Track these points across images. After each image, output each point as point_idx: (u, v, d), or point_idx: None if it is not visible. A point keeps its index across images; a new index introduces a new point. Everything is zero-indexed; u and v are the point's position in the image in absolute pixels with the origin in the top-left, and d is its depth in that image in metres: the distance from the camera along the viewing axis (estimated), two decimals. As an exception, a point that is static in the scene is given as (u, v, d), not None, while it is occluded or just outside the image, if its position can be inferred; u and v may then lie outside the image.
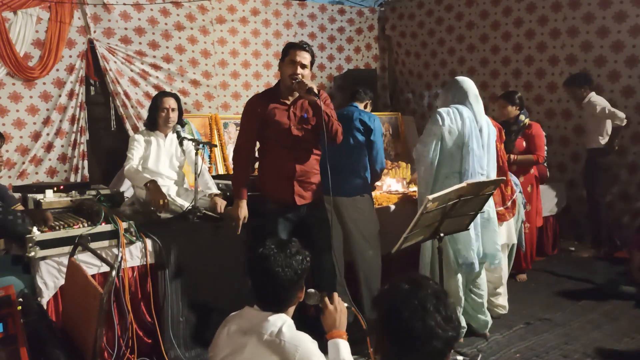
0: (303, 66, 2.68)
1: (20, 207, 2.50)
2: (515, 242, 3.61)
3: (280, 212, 2.79)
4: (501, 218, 3.36)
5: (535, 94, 5.54)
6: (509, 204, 3.44)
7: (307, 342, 1.62)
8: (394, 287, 1.26)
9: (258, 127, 2.77)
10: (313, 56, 2.76)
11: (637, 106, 4.88)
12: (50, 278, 2.49)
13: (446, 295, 1.23)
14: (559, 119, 5.42)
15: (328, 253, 2.85)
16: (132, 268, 2.69)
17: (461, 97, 2.98)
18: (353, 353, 1.78)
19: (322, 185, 2.88)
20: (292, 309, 1.77)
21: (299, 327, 1.71)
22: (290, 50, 2.71)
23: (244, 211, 2.76)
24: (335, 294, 1.87)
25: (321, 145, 2.85)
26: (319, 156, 2.87)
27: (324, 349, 1.71)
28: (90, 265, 2.54)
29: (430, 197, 2.26)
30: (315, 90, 2.60)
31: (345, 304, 1.87)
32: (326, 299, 1.82)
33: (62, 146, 4.81)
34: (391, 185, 4.32)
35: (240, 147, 2.86)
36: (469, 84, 3.02)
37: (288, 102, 2.77)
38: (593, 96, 4.60)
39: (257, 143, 2.90)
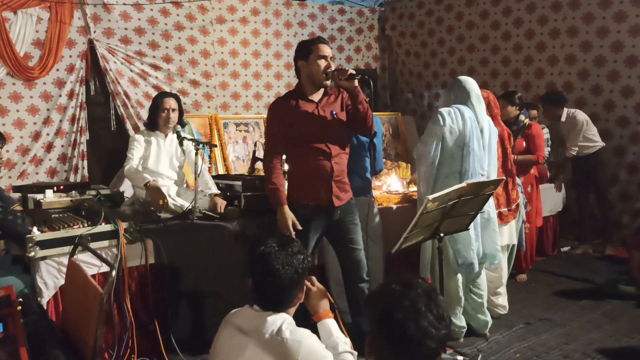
0: (331, 59, 2.63)
1: (18, 208, 2.49)
2: (516, 242, 3.61)
3: (312, 217, 2.67)
4: (504, 219, 3.36)
5: (535, 93, 5.54)
6: (513, 207, 3.44)
7: (309, 337, 1.62)
8: (385, 289, 1.26)
9: (285, 130, 2.66)
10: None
11: (636, 106, 4.89)
12: (50, 278, 2.49)
13: (437, 294, 1.23)
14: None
15: (361, 253, 2.77)
16: (132, 268, 2.70)
17: (463, 97, 2.98)
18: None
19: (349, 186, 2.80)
20: (292, 310, 1.77)
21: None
22: (312, 46, 2.62)
23: (291, 216, 2.61)
24: (314, 277, 1.90)
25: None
26: (347, 154, 2.77)
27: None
28: (90, 265, 2.54)
29: (430, 197, 2.26)
30: (357, 74, 2.53)
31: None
32: (307, 282, 1.83)
33: (62, 146, 4.81)
34: (391, 185, 4.32)
35: (271, 153, 2.70)
36: (471, 84, 3.02)
37: (315, 100, 2.69)
38: (577, 112, 4.76)
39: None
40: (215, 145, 3.69)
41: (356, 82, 2.56)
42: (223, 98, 5.76)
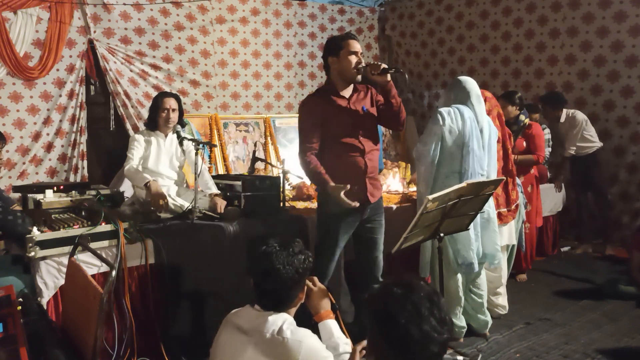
0: (361, 55, 2.62)
1: (18, 208, 2.49)
2: (516, 242, 3.61)
3: (346, 215, 2.64)
4: (504, 220, 3.36)
5: (534, 93, 5.54)
6: (513, 207, 3.44)
7: (310, 337, 1.62)
8: (387, 291, 1.24)
9: (321, 126, 2.64)
10: None
11: (636, 106, 4.89)
12: (50, 278, 2.49)
13: (439, 297, 1.23)
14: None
15: (381, 254, 2.78)
16: (132, 268, 2.70)
17: (463, 97, 2.98)
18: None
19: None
20: (293, 310, 1.77)
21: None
22: (343, 42, 2.60)
23: (342, 188, 2.47)
24: (315, 278, 1.91)
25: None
26: (379, 150, 2.77)
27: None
28: (90, 265, 2.54)
29: (430, 197, 2.26)
30: (391, 67, 2.53)
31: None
32: (308, 282, 1.83)
33: (62, 146, 4.81)
34: (391, 185, 4.32)
35: (305, 150, 2.64)
36: (471, 84, 3.02)
37: (346, 96, 2.68)
38: (577, 112, 4.76)
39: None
40: (215, 145, 3.69)
41: (389, 77, 2.54)
42: (223, 98, 5.76)
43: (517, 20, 5.64)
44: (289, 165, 3.59)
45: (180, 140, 3.14)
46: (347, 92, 2.70)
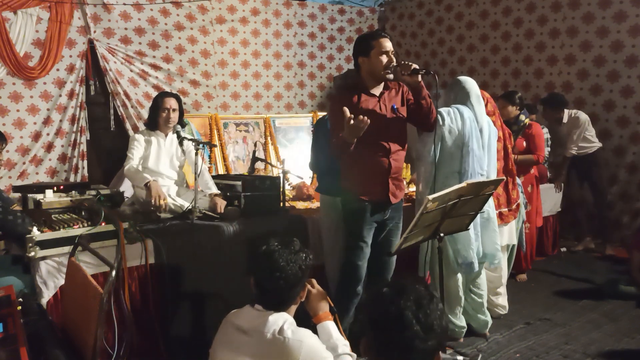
0: (393, 54, 2.56)
1: (17, 208, 2.49)
2: (516, 242, 3.61)
3: (367, 212, 2.64)
4: (504, 219, 3.36)
5: (534, 93, 5.54)
6: (514, 206, 3.44)
7: (310, 337, 1.63)
8: (377, 294, 1.20)
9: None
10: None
11: (636, 106, 4.89)
12: (50, 278, 2.49)
13: (430, 301, 1.15)
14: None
15: (394, 257, 2.76)
16: (132, 268, 2.69)
17: (463, 97, 2.98)
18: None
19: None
20: (293, 309, 1.77)
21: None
22: (373, 42, 2.55)
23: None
24: (314, 280, 1.92)
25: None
26: (404, 151, 2.74)
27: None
28: (90, 265, 2.54)
29: (430, 197, 2.26)
30: (422, 69, 2.48)
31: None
32: (307, 284, 1.84)
33: (62, 146, 4.81)
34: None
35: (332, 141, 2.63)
36: (471, 84, 3.02)
37: (376, 94, 2.64)
38: (580, 113, 4.76)
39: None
40: (215, 145, 3.69)
41: (420, 77, 2.50)
42: (223, 98, 5.76)
43: (517, 20, 5.64)
44: (289, 165, 3.59)
45: (180, 140, 3.14)
46: (377, 90, 2.65)
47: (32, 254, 2.39)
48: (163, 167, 3.27)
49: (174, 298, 2.75)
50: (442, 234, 2.56)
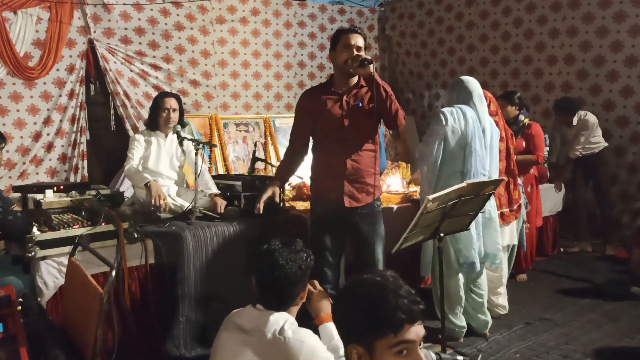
0: (359, 49, 2.49)
1: (17, 208, 2.49)
2: (517, 242, 3.61)
3: (327, 216, 2.58)
4: (506, 220, 3.36)
5: (533, 93, 5.55)
6: (515, 207, 3.44)
7: (311, 338, 1.63)
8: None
9: (310, 122, 2.60)
10: (365, 39, 2.56)
11: (636, 106, 4.89)
12: (50, 278, 2.49)
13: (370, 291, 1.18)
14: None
15: (372, 267, 2.59)
16: (132, 268, 2.69)
17: (465, 97, 2.98)
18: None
19: (379, 189, 2.66)
20: (295, 310, 1.77)
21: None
22: (341, 36, 2.52)
23: (268, 192, 2.60)
24: (315, 281, 1.93)
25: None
26: (375, 153, 2.61)
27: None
28: (90, 265, 2.54)
29: (430, 197, 2.26)
30: (371, 59, 2.41)
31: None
32: (309, 286, 1.84)
33: (62, 146, 4.81)
34: (391, 185, 4.32)
35: (292, 141, 2.73)
36: (473, 84, 3.02)
37: (341, 92, 2.57)
38: (589, 115, 4.73)
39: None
40: (215, 145, 3.69)
41: (372, 68, 2.43)
42: (223, 98, 5.75)
43: (516, 20, 5.64)
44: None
45: (180, 140, 3.14)
46: (345, 88, 2.59)
47: (32, 254, 2.39)
48: (163, 167, 3.27)
49: (174, 298, 2.75)
50: (442, 234, 2.56)
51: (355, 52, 2.48)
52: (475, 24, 6.03)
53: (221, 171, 4.84)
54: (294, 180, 3.93)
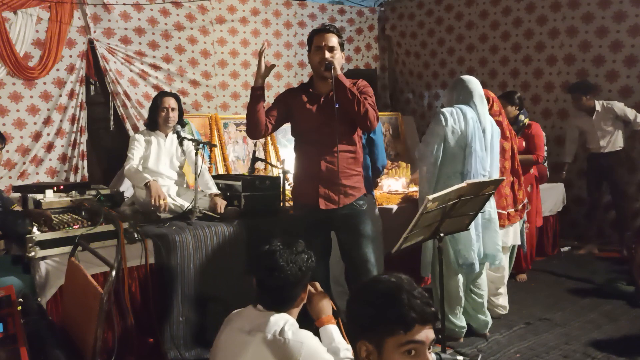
0: (330, 49, 2.44)
1: (17, 208, 2.49)
2: (518, 242, 3.61)
3: (306, 219, 2.57)
4: (511, 220, 3.36)
5: (533, 93, 5.55)
6: (520, 207, 3.44)
7: (311, 339, 1.63)
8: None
9: (282, 111, 2.58)
10: (340, 37, 2.51)
11: (635, 106, 4.88)
12: (50, 278, 2.49)
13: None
14: (555, 118, 5.43)
15: (369, 266, 2.56)
16: (132, 268, 2.70)
17: (466, 97, 2.98)
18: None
19: (361, 189, 2.61)
20: (295, 311, 1.77)
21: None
22: (314, 37, 2.49)
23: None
24: (317, 283, 1.92)
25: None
26: (354, 154, 2.58)
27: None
28: (90, 265, 2.54)
29: (430, 197, 2.26)
30: (337, 65, 2.39)
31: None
32: (310, 287, 1.84)
33: (62, 146, 4.80)
34: (391, 185, 4.33)
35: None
36: (474, 84, 3.01)
37: (319, 94, 2.56)
38: (614, 103, 4.62)
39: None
40: (215, 145, 3.69)
41: (338, 71, 2.41)
42: (223, 98, 5.75)
43: (516, 20, 5.64)
44: (289, 165, 3.58)
45: (180, 140, 3.14)
46: (323, 89, 2.55)
47: (32, 254, 2.39)
48: (163, 167, 3.27)
49: (173, 298, 2.75)
50: (442, 234, 2.56)
51: (327, 53, 2.45)
52: (475, 24, 6.03)
53: (221, 171, 4.84)
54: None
